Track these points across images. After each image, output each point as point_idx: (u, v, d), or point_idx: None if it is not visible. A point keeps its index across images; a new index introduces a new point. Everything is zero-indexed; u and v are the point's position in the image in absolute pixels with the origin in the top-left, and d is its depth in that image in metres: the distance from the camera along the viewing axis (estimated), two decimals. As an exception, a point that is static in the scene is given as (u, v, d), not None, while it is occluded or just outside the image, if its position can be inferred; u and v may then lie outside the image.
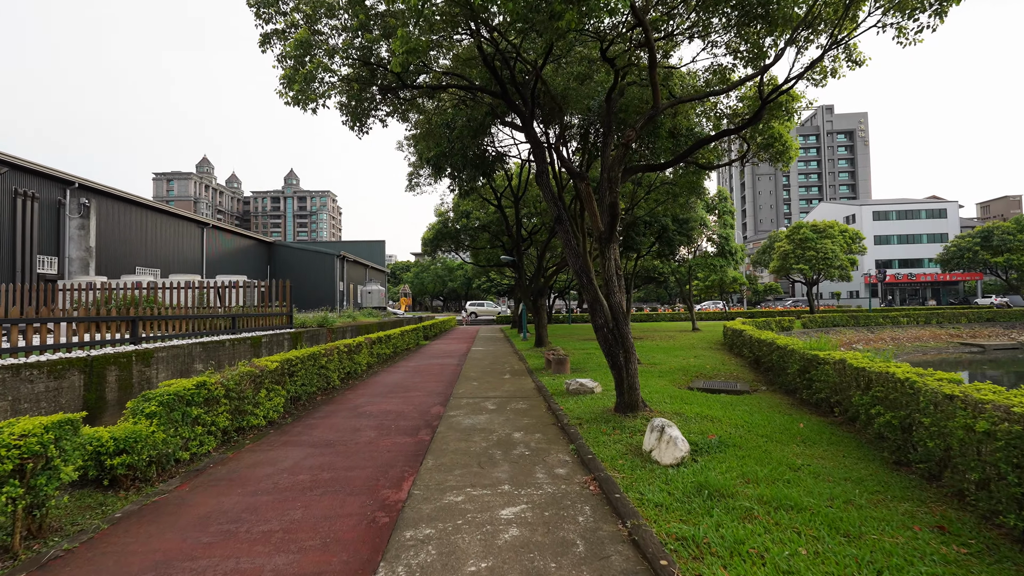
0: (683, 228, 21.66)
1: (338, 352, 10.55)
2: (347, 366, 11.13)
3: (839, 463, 4.93)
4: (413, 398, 9.00)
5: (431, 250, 28.70)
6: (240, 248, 26.80)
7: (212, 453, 5.66)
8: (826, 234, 35.95)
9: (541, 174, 7.73)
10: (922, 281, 77.08)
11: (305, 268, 30.11)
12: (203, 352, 8.92)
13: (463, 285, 72.69)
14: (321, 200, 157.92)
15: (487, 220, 26.46)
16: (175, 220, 21.41)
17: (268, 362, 7.41)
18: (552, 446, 5.83)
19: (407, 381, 11.10)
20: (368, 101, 8.14)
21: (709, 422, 6.38)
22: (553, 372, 11.76)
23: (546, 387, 9.76)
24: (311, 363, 8.95)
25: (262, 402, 6.93)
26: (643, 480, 4.49)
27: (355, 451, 5.71)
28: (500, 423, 6.97)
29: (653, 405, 7.26)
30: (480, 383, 10.68)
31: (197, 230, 22.93)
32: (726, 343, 18.08)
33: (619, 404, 6.72)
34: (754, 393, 9.64)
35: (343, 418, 7.45)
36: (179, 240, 21.66)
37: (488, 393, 9.42)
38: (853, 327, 32.83)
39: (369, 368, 13.36)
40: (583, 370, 12.22)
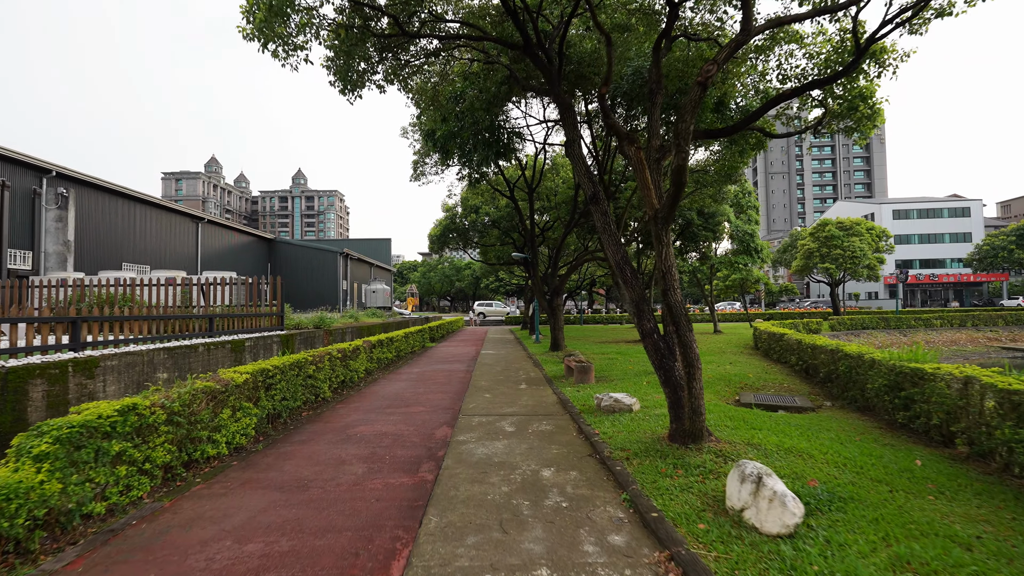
0: (709, 222, 20.09)
1: (330, 358, 9.16)
2: (341, 374, 9.74)
3: (1017, 531, 3.43)
4: (415, 415, 7.57)
5: (438, 247, 27.33)
6: (238, 245, 25.59)
7: (145, 499, 4.26)
8: (853, 231, 34.13)
9: (571, 143, 6.28)
10: (944, 282, 74.56)
11: (307, 266, 28.87)
12: (168, 360, 7.56)
13: (471, 285, 71.36)
14: (328, 200, 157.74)
15: (497, 216, 25.05)
16: (167, 214, 20.19)
17: (235, 374, 6.02)
18: (596, 492, 4.37)
19: (409, 392, 9.69)
20: (362, 59, 6.74)
21: (797, 457, 4.88)
22: (576, 382, 10.30)
23: (571, 401, 8.29)
24: (294, 373, 7.55)
25: (225, 425, 5.53)
26: (749, 564, 3.02)
27: (334, 498, 4.29)
28: (522, 453, 5.52)
29: (711, 429, 5.77)
30: (493, 395, 9.24)
31: (191, 225, 21.71)
32: (760, 347, 16.50)
33: (676, 432, 5.24)
34: (819, 411, 8.12)
35: (327, 443, 6.03)
36: (171, 235, 20.45)
37: (503, 408, 7.97)
38: (883, 329, 30.98)
39: (368, 375, 11.97)
40: (609, 379, 10.74)
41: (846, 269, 33.27)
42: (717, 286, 32.81)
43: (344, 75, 6.71)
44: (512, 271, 41.29)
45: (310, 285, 28.67)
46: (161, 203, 19.57)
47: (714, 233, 20.32)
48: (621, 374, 11.47)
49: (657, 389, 9.20)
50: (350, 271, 30.73)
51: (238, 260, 25.54)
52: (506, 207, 23.91)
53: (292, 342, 12.09)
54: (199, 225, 21.98)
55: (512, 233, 26.56)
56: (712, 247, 23.48)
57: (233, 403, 5.76)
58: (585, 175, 6.10)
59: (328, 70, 6.73)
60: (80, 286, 12.22)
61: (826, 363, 9.52)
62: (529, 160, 19.32)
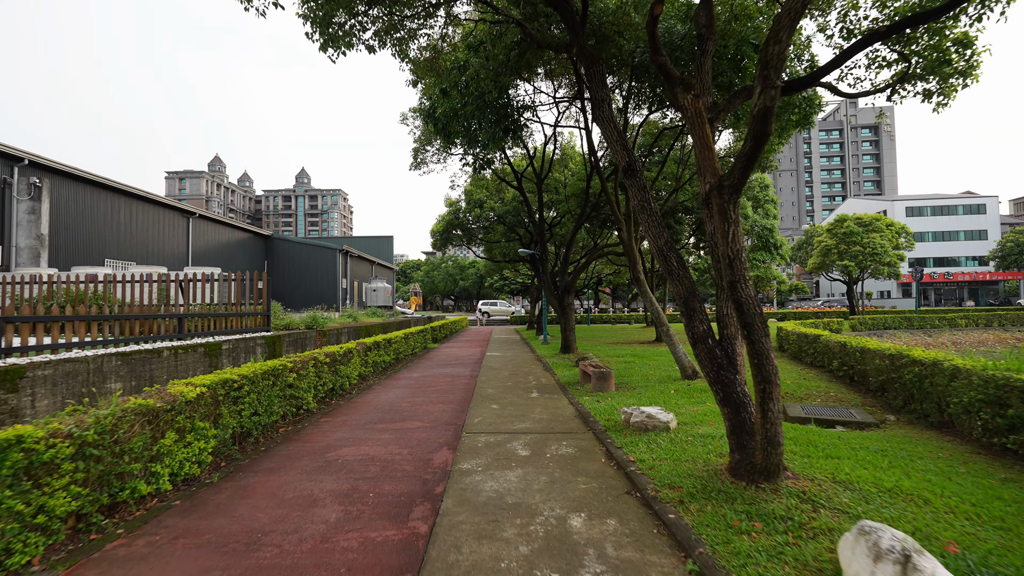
0: (728, 216, 18.84)
1: (315, 364, 8.03)
2: (329, 381, 8.61)
3: None
4: (411, 432, 6.42)
5: (441, 243, 26.20)
6: (233, 241, 24.55)
7: (34, 566, 3.13)
8: (872, 227, 32.77)
9: (599, 104, 5.12)
10: (959, 281, 72.85)
11: (305, 264, 27.82)
12: (123, 367, 6.45)
13: (475, 284, 70.27)
14: (332, 199, 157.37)
15: (503, 211, 23.88)
16: (155, 207, 19.15)
17: (187, 387, 4.88)
18: (648, 555, 3.21)
19: (407, 402, 8.54)
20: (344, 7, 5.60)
21: (907, 502, 3.70)
22: (594, 390, 9.13)
23: (592, 415, 7.14)
24: (269, 382, 6.42)
25: (169, 452, 4.41)
26: None
27: (290, 566, 3.15)
28: (542, 489, 4.37)
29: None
30: (501, 406, 8.08)
31: (182, 220, 20.67)
32: (787, 350, 15.27)
33: (740, 465, 4.07)
34: (884, 427, 6.92)
35: (300, 472, 4.90)
36: (160, 230, 19.41)
37: (514, 424, 6.81)
38: (906, 329, 29.62)
39: (362, 381, 10.84)
40: (630, 387, 9.57)
41: (865, 267, 31.90)
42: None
43: (324, 26, 5.59)
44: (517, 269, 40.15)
45: (308, 283, 27.62)
46: (148, 196, 18.52)
47: (734, 227, 19.07)
48: (642, 380, 10.30)
49: (690, 400, 8.02)
50: (350, 269, 29.66)
51: (233, 257, 24.51)
52: (512, 201, 22.76)
53: (279, 344, 10.99)
54: (190, 220, 20.94)
55: (518, 229, 25.39)
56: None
57: (182, 424, 4.63)
58: (618, 142, 4.93)
59: (304, 19, 5.60)
60: (47, 283, 11.17)
61: (882, 370, 8.30)
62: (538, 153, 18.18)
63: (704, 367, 4.41)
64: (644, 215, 4.76)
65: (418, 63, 7.96)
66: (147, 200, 18.62)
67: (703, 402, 7.86)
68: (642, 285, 10.54)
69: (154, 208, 19.05)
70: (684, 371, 10.30)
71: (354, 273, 30.79)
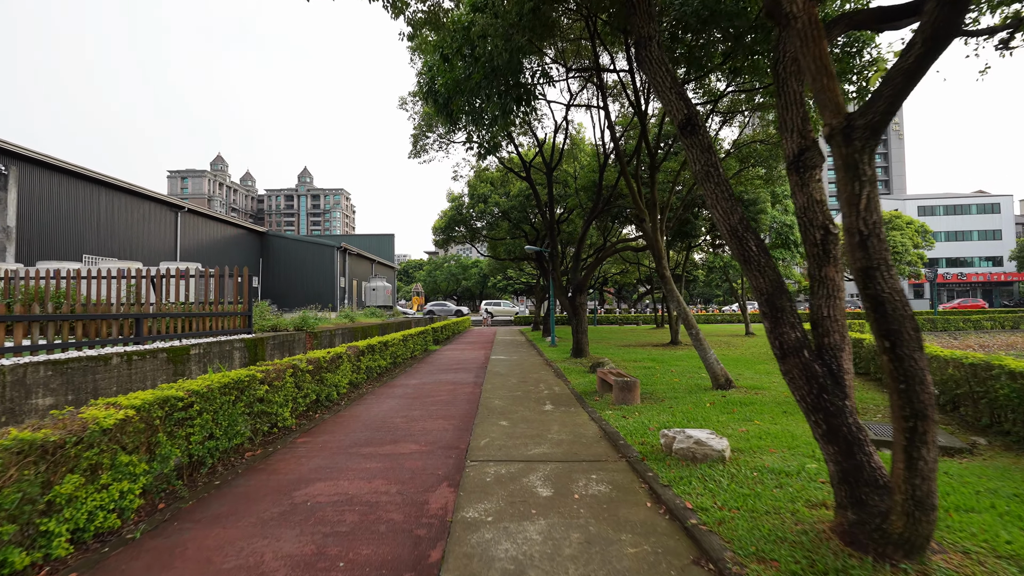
0: (750, 211, 17.62)
1: (294, 372, 6.87)
2: (312, 392, 7.45)
3: None
4: (403, 460, 5.25)
5: (443, 240, 25.06)
6: (226, 237, 23.47)
7: None
8: (893, 225, 31.45)
9: (646, 42, 3.94)
10: (973, 281, 71.31)
11: (302, 262, 26.74)
12: (55, 378, 5.31)
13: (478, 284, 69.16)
14: (335, 198, 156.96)
15: (508, 206, 22.71)
16: (139, 200, 18.06)
17: (105, 411, 3.73)
18: None
19: (401, 416, 7.38)
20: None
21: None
22: (616, 402, 7.95)
23: (620, 435, 5.97)
24: (230, 398, 5.26)
25: (76, 501, 3.26)
26: None
27: None
28: (576, 557, 3.19)
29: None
30: (511, 422, 6.91)
31: (169, 214, 19.58)
32: (819, 354, 14.04)
33: (858, 528, 2.88)
34: (977, 453, 5.71)
35: (251, 525, 3.73)
36: (146, 225, 18.32)
37: (529, 448, 5.64)
38: (930, 332, 28.31)
39: (354, 389, 9.69)
40: (656, 398, 8.38)
41: (886, 266, 30.58)
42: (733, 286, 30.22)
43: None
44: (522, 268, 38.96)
45: (305, 282, 26.54)
46: (133, 188, 17.43)
47: (756, 223, 17.83)
48: (668, 390, 9.11)
49: (732, 416, 6.83)
50: (348, 267, 28.56)
51: (226, 254, 23.42)
52: (517, 196, 21.60)
53: (261, 348, 9.85)
54: (178, 214, 19.85)
55: (523, 225, 24.23)
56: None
57: (95, 460, 3.48)
58: (672, 89, 3.75)
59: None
60: (4, 279, 10.07)
61: (958, 381, 7.08)
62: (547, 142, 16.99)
63: (797, 389, 3.23)
64: (710, 184, 3.58)
65: (415, 20, 6.81)
66: (131, 193, 17.54)
67: (749, 419, 6.67)
68: (668, 282, 9.35)
69: (139, 201, 17.97)
70: (716, 380, 9.11)
71: (353, 272, 29.69)
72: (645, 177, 11.13)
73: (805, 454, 5.01)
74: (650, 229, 9.57)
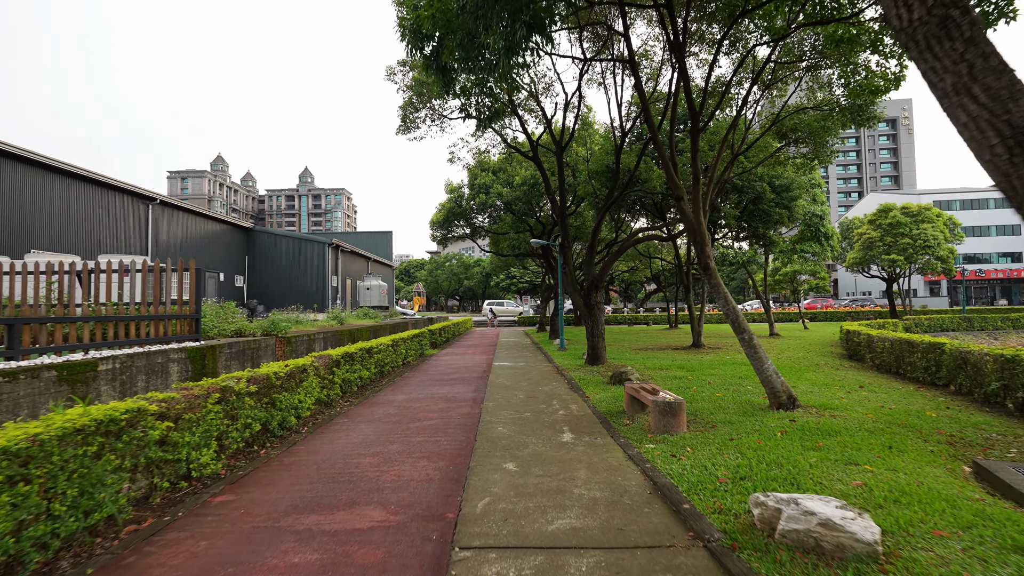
0: (783, 197, 15.71)
1: (223, 397, 5.03)
2: (255, 420, 5.61)
3: None
4: (351, 554, 3.41)
5: (441, 235, 23.25)
6: (207, 233, 21.70)
7: None
8: (923, 218, 29.44)
9: None
10: (992, 278, 69.07)
11: (291, 259, 24.97)
12: None
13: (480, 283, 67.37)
14: (336, 198, 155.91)
15: (511, 197, 20.86)
16: (103, 191, 16.29)
17: None
18: None
19: (372, 454, 5.53)
20: None
21: None
22: (655, 430, 6.09)
23: (679, 489, 4.11)
24: (82, 451, 3.42)
25: None
26: None
27: None
28: None
29: None
30: (521, 464, 5.05)
31: (139, 206, 17.80)
32: (869, 359, 12.16)
33: None
34: None
35: None
36: (111, 217, 16.55)
37: (549, 518, 3.77)
38: (966, 331, 26.32)
39: (325, 408, 7.84)
40: (704, 423, 6.51)
41: (915, 261, 28.59)
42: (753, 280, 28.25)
43: None
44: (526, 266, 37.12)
45: (294, 281, 24.77)
46: (93, 176, 15.66)
47: (789, 211, 15.92)
48: (715, 409, 7.25)
49: (819, 452, 4.93)
50: (341, 265, 26.77)
51: (207, 251, 21.66)
52: (521, 185, 19.77)
53: (211, 359, 8.03)
54: (150, 207, 18.07)
55: (528, 219, 22.39)
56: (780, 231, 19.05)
57: None
58: None
59: None
60: None
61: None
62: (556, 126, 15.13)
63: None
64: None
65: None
66: (92, 182, 15.77)
67: (849, 460, 4.81)
68: (714, 275, 7.49)
69: (102, 191, 16.19)
70: (776, 397, 7.24)
71: (347, 270, 27.91)
72: (681, 146, 9.27)
73: (995, 540, 3.13)
74: (690, 210, 7.69)
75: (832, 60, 8.36)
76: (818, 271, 27.29)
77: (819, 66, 9.08)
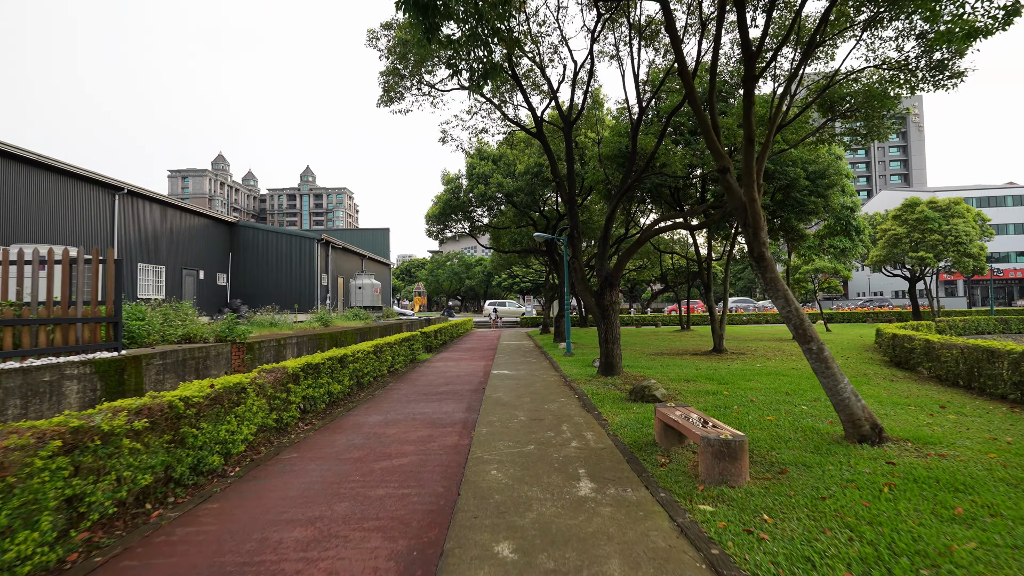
0: (817, 185, 13.97)
1: (82, 443, 3.36)
2: (144, 469, 3.94)
3: None
4: None
5: (438, 230, 21.61)
6: (185, 228, 20.10)
7: None
8: (953, 212, 27.57)
9: None
10: (1010, 278, 66.96)
11: (278, 257, 23.36)
12: None
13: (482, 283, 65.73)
14: (337, 197, 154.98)
15: (513, 187, 19.18)
16: (62, 179, 14.70)
17: None
18: None
19: (309, 520, 3.86)
20: None
21: None
22: (707, 477, 4.40)
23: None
24: None
25: None
26: None
27: None
28: None
29: None
30: (520, 542, 3.36)
31: (104, 196, 16.20)
32: (937, 370, 10.40)
33: None
34: None
35: None
36: (71, 208, 14.97)
37: None
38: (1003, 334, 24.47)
39: (274, 437, 6.16)
40: (770, 465, 4.80)
41: (945, 259, 26.75)
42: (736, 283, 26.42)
43: None
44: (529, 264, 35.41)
45: (281, 279, 23.17)
46: (49, 162, 14.07)
47: (824, 200, 14.16)
48: (774, 441, 5.56)
49: (975, 532, 3.20)
50: (332, 263, 25.15)
51: (186, 246, 20.05)
52: (524, 175, 18.11)
53: (135, 374, 6.38)
54: (116, 197, 16.47)
55: (531, 212, 20.70)
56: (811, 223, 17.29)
57: None
58: None
59: None
60: None
61: None
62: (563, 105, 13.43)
63: None
64: None
65: None
66: (47, 168, 14.17)
67: (1016, 542, 3.10)
68: (769, 266, 5.81)
69: (60, 179, 14.60)
70: (855, 426, 5.53)
71: (339, 268, 26.29)
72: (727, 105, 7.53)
73: None
74: (738, 186, 5.99)
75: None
76: (840, 269, 25.50)
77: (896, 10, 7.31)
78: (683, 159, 11.89)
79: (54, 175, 14.46)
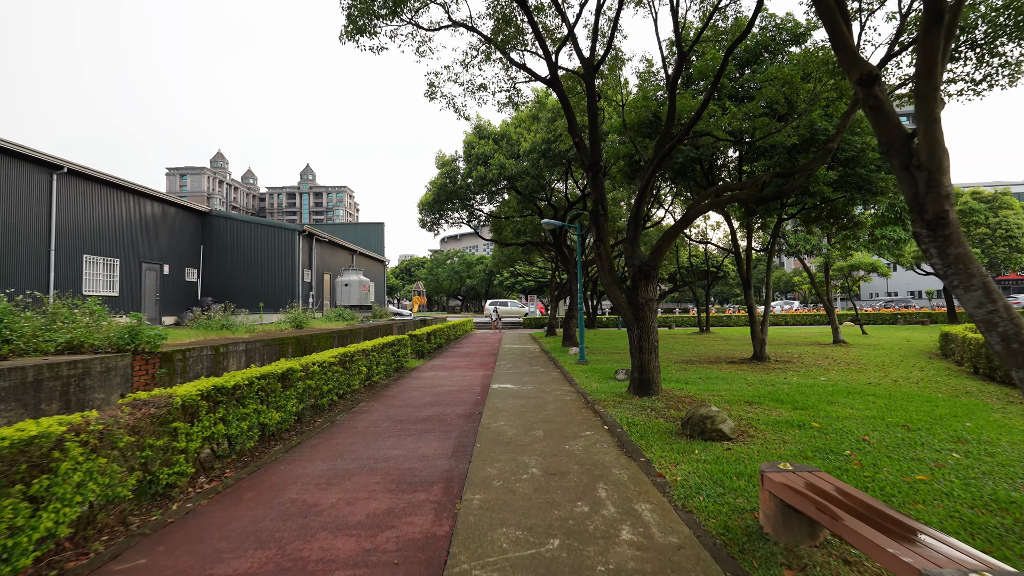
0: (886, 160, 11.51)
1: None
2: None
3: None
4: None
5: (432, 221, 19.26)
6: (147, 216, 17.75)
7: None
8: (1000, 203, 25.07)
9: None
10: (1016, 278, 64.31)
11: (256, 251, 21.03)
12: None
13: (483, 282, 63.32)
14: (337, 196, 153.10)
15: (516, 170, 16.78)
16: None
17: None
18: None
19: None
20: None
21: None
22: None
23: None
24: None
25: None
26: None
27: None
28: None
29: None
30: None
31: (40, 176, 13.86)
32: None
33: None
34: None
35: None
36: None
37: None
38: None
39: (143, 506, 3.77)
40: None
41: (994, 255, 24.24)
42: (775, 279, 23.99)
43: None
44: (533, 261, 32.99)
45: (259, 276, 20.83)
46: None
47: (896, 178, 11.75)
48: (961, 525, 3.14)
49: None
50: (318, 258, 22.81)
51: (146, 237, 17.69)
52: (530, 153, 15.73)
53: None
54: (55, 176, 14.10)
55: (537, 199, 18.30)
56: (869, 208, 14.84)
57: None
58: None
59: None
60: None
61: None
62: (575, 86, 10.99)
63: None
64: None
65: None
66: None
67: None
68: (954, 238, 3.39)
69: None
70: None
71: (325, 264, 23.95)
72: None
73: None
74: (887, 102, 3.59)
75: None
76: (880, 266, 23.07)
77: None
78: (734, 119, 9.49)
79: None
